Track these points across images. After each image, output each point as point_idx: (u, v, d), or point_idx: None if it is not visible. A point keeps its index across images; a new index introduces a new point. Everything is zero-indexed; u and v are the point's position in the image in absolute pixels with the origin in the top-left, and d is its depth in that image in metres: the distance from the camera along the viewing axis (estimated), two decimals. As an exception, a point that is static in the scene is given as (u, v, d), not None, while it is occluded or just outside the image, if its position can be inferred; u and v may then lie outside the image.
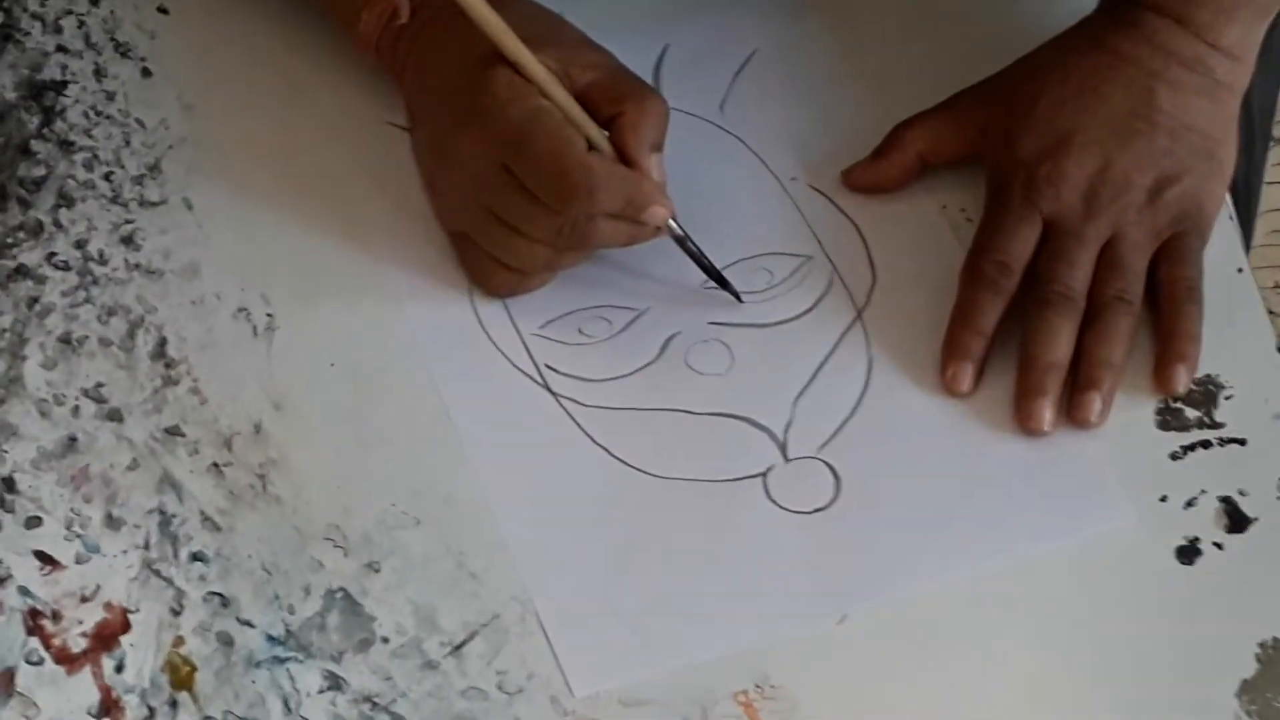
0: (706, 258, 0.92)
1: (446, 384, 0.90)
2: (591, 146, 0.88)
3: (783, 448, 0.88)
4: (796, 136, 0.98)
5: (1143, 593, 0.85)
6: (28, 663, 0.81)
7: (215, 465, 0.87)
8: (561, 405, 0.89)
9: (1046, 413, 0.88)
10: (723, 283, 0.92)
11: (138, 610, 0.83)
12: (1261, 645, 0.83)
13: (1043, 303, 0.90)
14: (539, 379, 0.90)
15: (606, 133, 0.89)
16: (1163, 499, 0.87)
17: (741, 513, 0.86)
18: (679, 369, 0.91)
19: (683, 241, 0.91)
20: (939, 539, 0.86)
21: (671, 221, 0.90)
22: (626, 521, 0.86)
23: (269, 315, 0.92)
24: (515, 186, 0.88)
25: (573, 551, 0.85)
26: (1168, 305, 0.91)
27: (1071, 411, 0.89)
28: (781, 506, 0.86)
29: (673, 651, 0.83)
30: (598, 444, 0.88)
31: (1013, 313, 0.91)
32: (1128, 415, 0.89)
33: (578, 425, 0.89)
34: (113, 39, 1.01)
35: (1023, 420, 0.88)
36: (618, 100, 0.89)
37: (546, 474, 0.88)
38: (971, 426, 0.89)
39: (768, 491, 0.87)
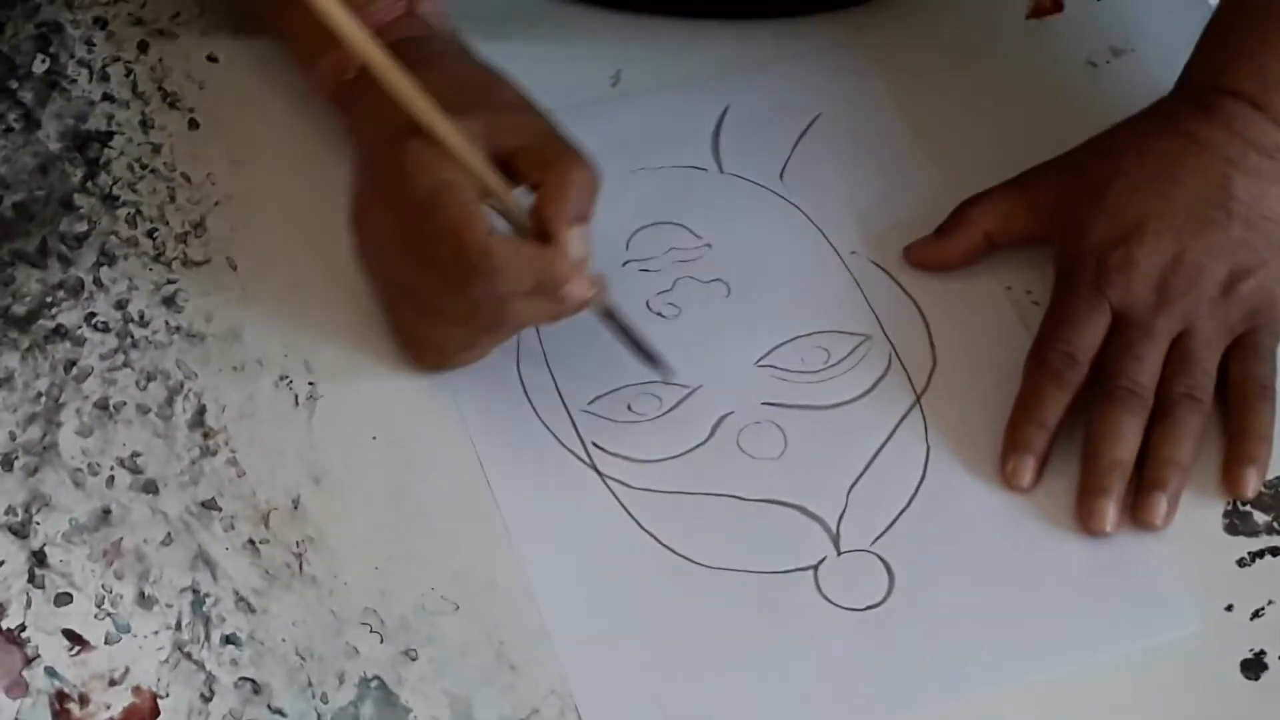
0: (635, 331, 0.88)
1: (491, 461, 0.87)
2: (509, 218, 0.84)
3: (835, 539, 0.85)
4: (859, 207, 0.96)
5: (1205, 706, 0.81)
6: (53, 749, 0.80)
7: (251, 542, 0.85)
8: (608, 487, 0.87)
9: (1110, 513, 0.85)
10: (654, 362, 0.89)
11: (167, 695, 0.81)
12: (1326, 764, 0.81)
13: (1109, 399, 0.87)
14: (586, 458, 0.88)
15: (527, 201, 0.84)
16: (1229, 608, 0.84)
17: (791, 607, 0.83)
18: (730, 451, 0.88)
19: (609, 316, 0.88)
20: (995, 643, 0.82)
21: (601, 294, 0.86)
22: (672, 613, 0.83)
23: (311, 384, 0.89)
24: (422, 264, 0.85)
25: (616, 643, 0.82)
26: (1238, 404, 0.88)
27: (1136, 513, 0.86)
28: (833, 602, 0.84)
29: None
30: (645, 529, 0.86)
31: (1078, 405, 0.88)
32: (1195, 517, 0.86)
33: (625, 509, 0.86)
34: (160, 88, 0.99)
35: (1085, 520, 0.85)
36: (541, 167, 0.84)
37: (591, 560, 0.85)
38: (1032, 524, 0.86)
39: (819, 586, 0.84)
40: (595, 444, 0.88)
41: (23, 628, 0.82)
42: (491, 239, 0.83)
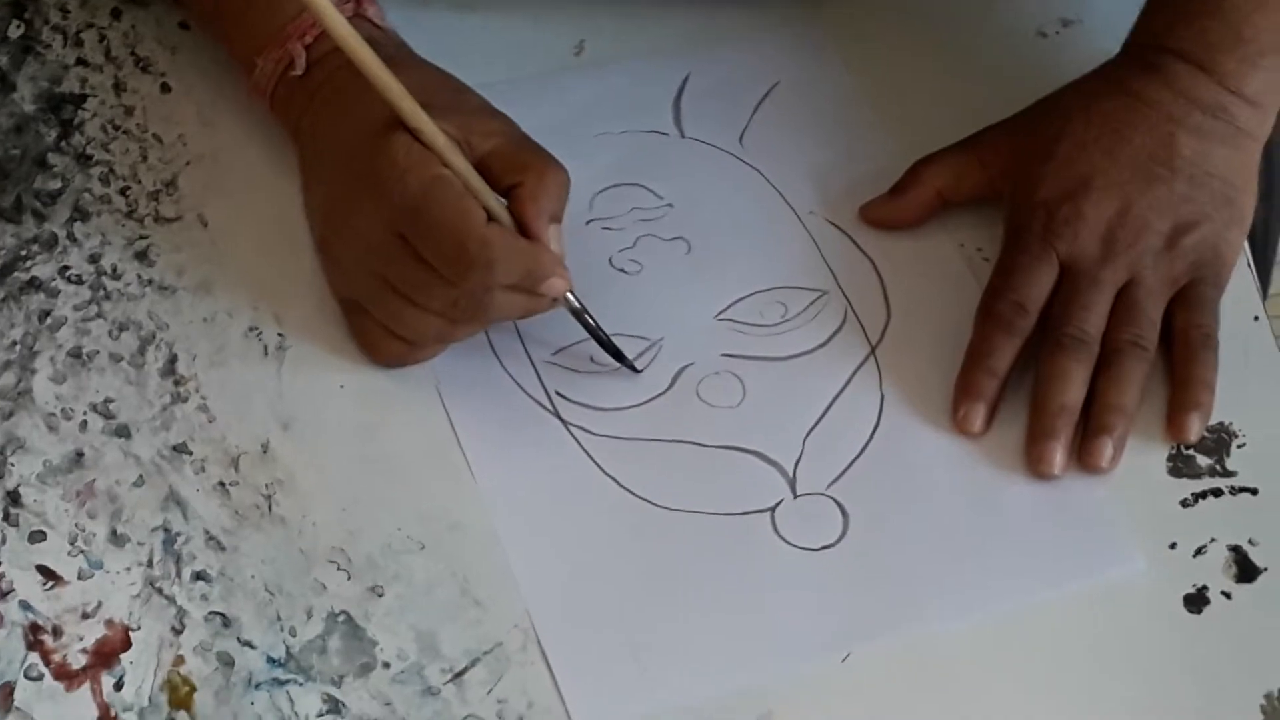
0: (603, 331, 0.90)
1: (456, 408, 0.89)
2: (491, 217, 0.86)
3: (792, 483, 0.88)
4: (816, 170, 0.98)
5: (1150, 640, 0.84)
6: (27, 678, 0.81)
7: (222, 484, 0.87)
8: (571, 433, 0.89)
9: (1057, 456, 0.88)
10: (619, 358, 0.91)
11: (139, 628, 0.82)
12: (1268, 696, 0.83)
13: (1056, 346, 0.90)
14: (549, 406, 0.90)
15: (505, 202, 0.87)
16: (1172, 546, 0.87)
17: (748, 547, 0.86)
18: (690, 400, 0.90)
19: (579, 315, 0.90)
20: (945, 581, 0.85)
21: (569, 294, 0.89)
22: (633, 553, 0.86)
23: (280, 335, 0.91)
24: (411, 256, 0.86)
25: (578, 581, 0.85)
26: (1183, 352, 0.91)
27: (1083, 456, 0.88)
28: (789, 542, 0.86)
29: (676, 685, 0.82)
30: (606, 473, 0.88)
31: (1027, 355, 0.91)
32: (1140, 461, 0.89)
33: (587, 454, 0.88)
34: (133, 53, 1.01)
35: (1033, 463, 0.88)
36: (517, 170, 0.87)
37: (554, 502, 0.87)
38: (982, 468, 0.88)
39: (775, 527, 0.87)
40: (558, 393, 0.90)
41: (-3, 563, 0.85)
42: (490, 229, 0.85)
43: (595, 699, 0.81)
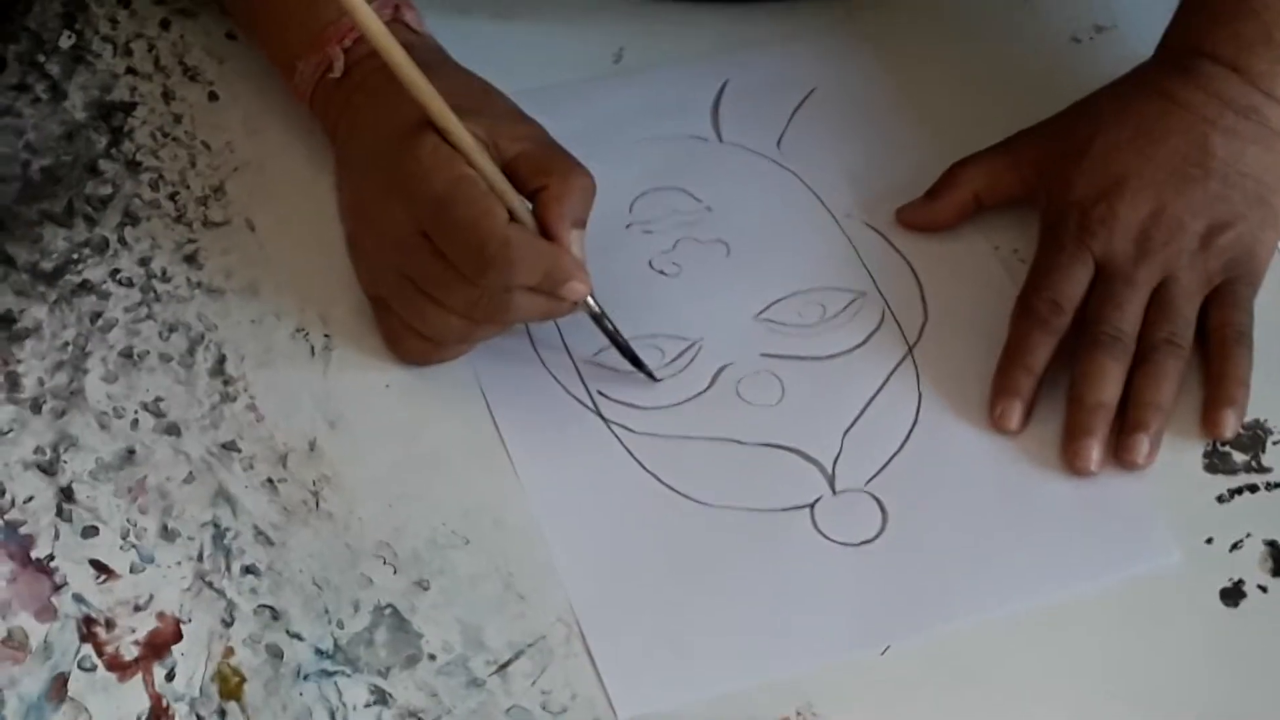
0: (622, 336, 0.91)
1: (499, 407, 0.91)
2: (514, 218, 0.87)
3: (831, 480, 0.89)
4: (853, 174, 1.00)
5: (1187, 634, 0.85)
6: (80, 669, 0.82)
7: (270, 481, 0.88)
8: (612, 431, 0.90)
9: (1094, 453, 0.89)
10: (637, 363, 0.92)
11: (189, 620, 0.84)
12: (1303, 689, 0.84)
13: (1092, 344, 0.91)
14: (591, 405, 0.91)
15: (530, 205, 0.88)
16: (1208, 541, 0.87)
17: (788, 543, 0.87)
18: (730, 399, 0.91)
19: (599, 319, 0.91)
20: (983, 575, 0.86)
21: (589, 299, 0.89)
22: (674, 547, 0.87)
23: (326, 336, 0.93)
24: (433, 254, 0.88)
25: (620, 576, 0.86)
26: (1217, 350, 0.92)
27: (1119, 453, 0.89)
28: (828, 538, 0.87)
29: (717, 677, 0.83)
30: (647, 470, 0.89)
31: (1063, 353, 0.92)
32: (1175, 458, 0.90)
33: (628, 452, 0.90)
34: (181, 63, 1.03)
35: (1070, 459, 0.89)
36: (543, 173, 0.88)
37: (596, 498, 0.88)
38: (1019, 464, 0.89)
39: (815, 523, 0.87)
40: (600, 392, 0.92)
41: (51, 558, 0.85)
42: (511, 229, 0.86)
43: (637, 689, 0.82)
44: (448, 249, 0.87)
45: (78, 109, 1.01)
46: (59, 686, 0.82)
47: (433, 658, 0.83)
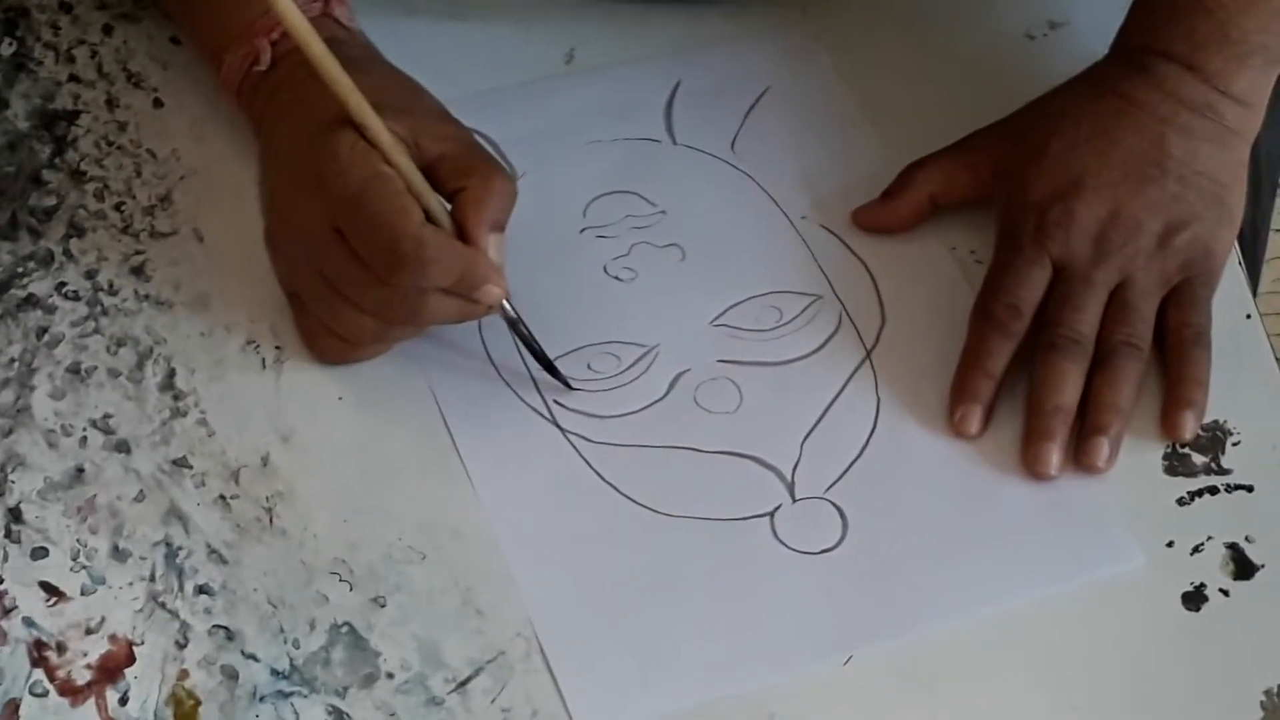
0: (537, 343, 0.90)
1: (455, 419, 0.89)
2: (431, 219, 0.86)
3: (790, 487, 0.88)
4: (808, 175, 0.98)
5: (1149, 638, 0.84)
6: (32, 694, 0.81)
7: (222, 497, 0.87)
8: (570, 442, 0.89)
9: (1054, 457, 0.88)
10: (554, 372, 0.90)
11: (142, 643, 0.82)
12: (1267, 693, 0.83)
13: (1050, 347, 0.90)
14: (548, 415, 0.90)
15: (449, 206, 0.87)
16: (1169, 544, 0.87)
17: (749, 552, 0.86)
18: (688, 407, 0.90)
19: (515, 325, 0.90)
20: (945, 581, 0.85)
21: (505, 303, 0.88)
22: (634, 559, 0.85)
23: (278, 348, 0.91)
24: (347, 252, 0.86)
25: (580, 589, 0.85)
26: (1175, 351, 0.91)
27: (1079, 457, 0.88)
28: (789, 547, 0.86)
29: (680, 690, 0.82)
30: (606, 481, 0.88)
31: (1022, 356, 0.91)
32: (1135, 460, 0.89)
33: (586, 462, 0.88)
34: (125, 69, 1.01)
35: (1030, 464, 0.88)
36: (464, 175, 0.87)
37: (554, 511, 0.87)
38: (979, 469, 0.88)
39: (775, 531, 0.86)
40: (556, 401, 0.90)
41: (0, 580, 0.84)
42: (425, 229, 0.85)
43: (599, 705, 0.81)
44: (360, 247, 0.85)
45: (20, 118, 0.99)
46: (10, 713, 0.80)
47: (390, 676, 0.82)
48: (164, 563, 0.85)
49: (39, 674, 0.81)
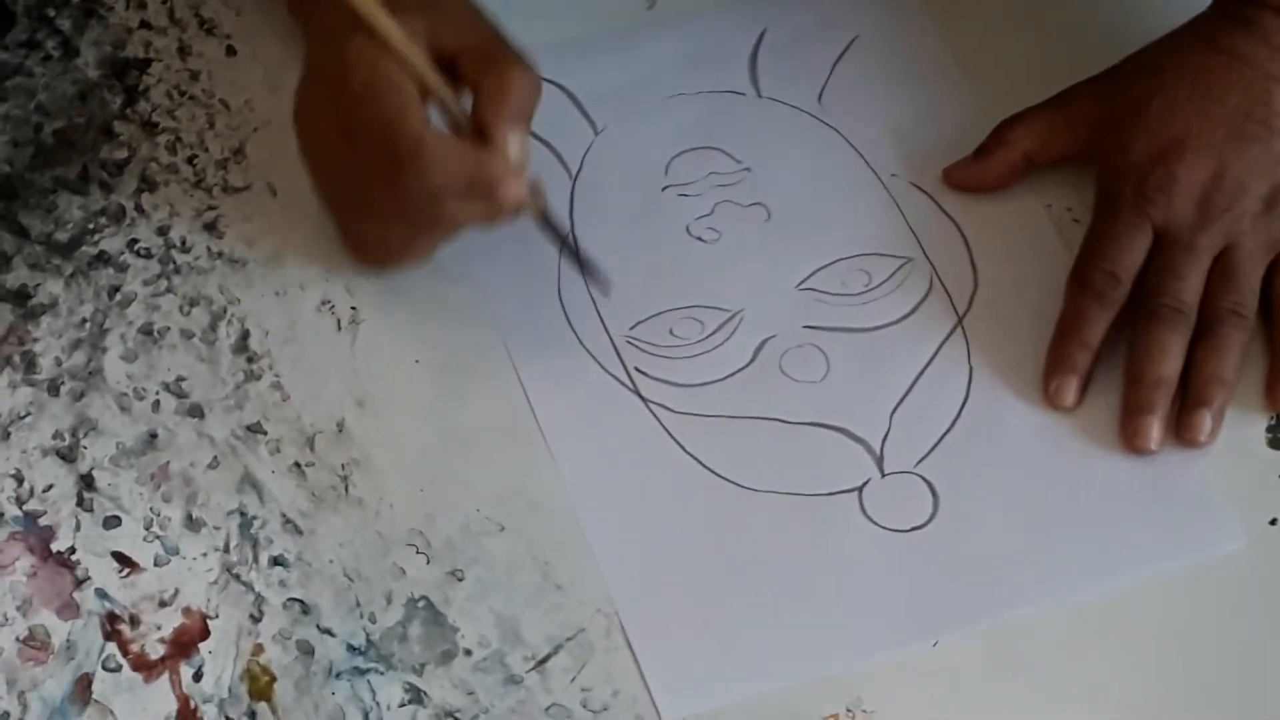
0: (572, 241, 0.86)
1: (534, 388, 0.85)
2: (452, 117, 0.81)
3: (879, 461, 0.83)
4: (898, 131, 0.93)
5: (1251, 618, 0.80)
6: (105, 669, 0.78)
7: (297, 465, 0.83)
8: (651, 411, 0.85)
9: (1154, 431, 0.83)
10: (592, 274, 0.86)
11: (217, 616, 0.79)
12: (1374, 675, 0.79)
13: (1152, 317, 0.85)
14: (629, 384, 0.85)
15: (466, 107, 0.81)
16: (1273, 522, 0.82)
17: (836, 529, 0.81)
18: (773, 375, 0.86)
19: (544, 225, 0.85)
20: (1040, 562, 0.80)
21: (536, 204, 0.83)
22: (717, 535, 0.81)
23: (353, 308, 0.87)
24: (356, 159, 0.82)
25: (661, 566, 0.81)
26: None
27: (1180, 430, 0.84)
28: (877, 524, 0.81)
29: (763, 673, 0.78)
30: (688, 453, 0.83)
31: (1121, 324, 0.86)
32: (1238, 434, 0.84)
33: (668, 433, 0.84)
34: (197, 15, 0.97)
35: (1129, 438, 0.83)
36: (483, 69, 0.81)
37: (635, 483, 0.83)
38: (1075, 443, 0.83)
39: (863, 507, 0.82)
40: (638, 369, 0.86)
41: (72, 550, 0.81)
42: (424, 132, 0.80)
43: (680, 686, 0.78)
44: (363, 151, 0.81)
45: (90, 67, 0.94)
46: (83, 688, 0.77)
47: (469, 653, 0.79)
48: (238, 533, 0.81)
49: (112, 648, 0.78)
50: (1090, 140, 0.90)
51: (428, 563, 0.81)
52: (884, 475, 0.83)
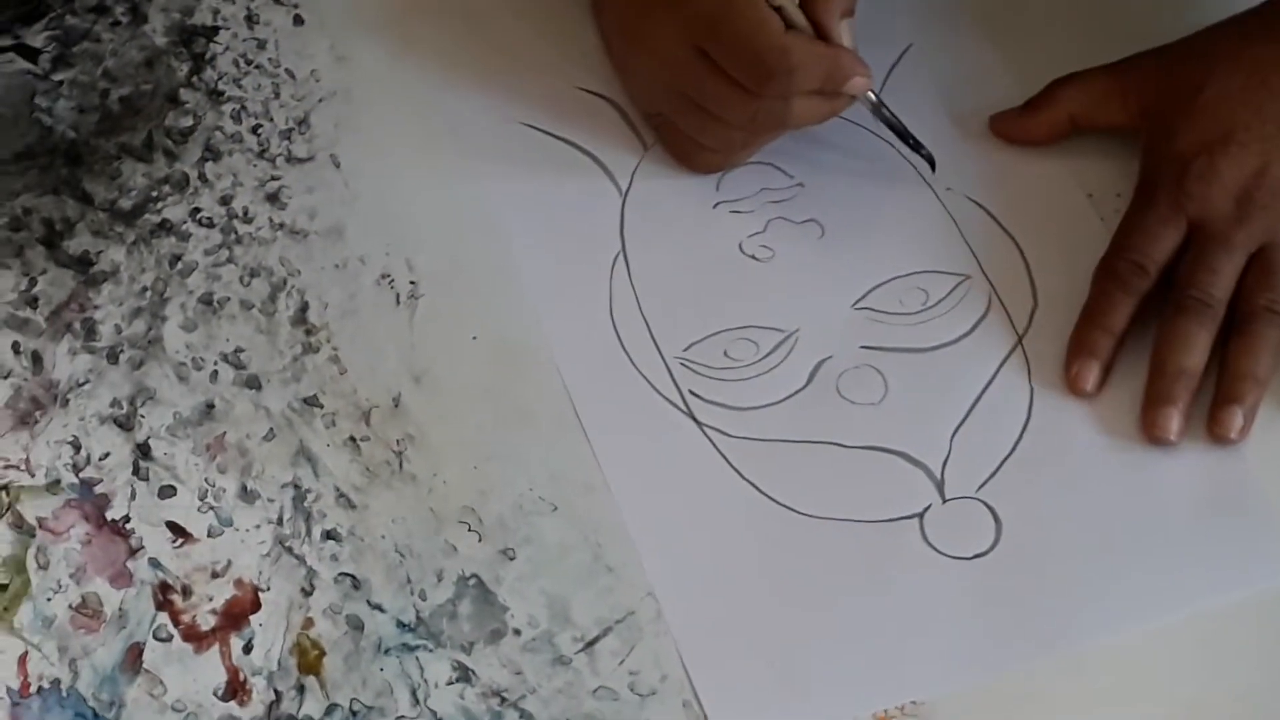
0: (900, 121, 0.85)
1: (588, 414, 0.81)
2: (787, 22, 0.81)
3: (940, 486, 0.80)
4: (953, 142, 0.89)
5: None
6: (155, 639, 0.75)
7: (352, 439, 0.81)
8: (707, 436, 0.81)
9: (1174, 423, 0.80)
10: (919, 148, 0.86)
11: (268, 589, 0.77)
12: None
13: (1177, 309, 0.82)
14: (683, 407, 0.82)
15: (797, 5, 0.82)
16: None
17: (897, 557, 0.78)
18: (830, 397, 0.82)
19: (878, 109, 0.86)
20: (1108, 591, 0.77)
21: (870, 92, 0.85)
22: (775, 563, 0.78)
23: (412, 283, 0.85)
24: (709, 69, 0.82)
25: (719, 595, 0.77)
26: None
27: (1211, 427, 0.80)
28: (940, 551, 0.78)
29: (825, 707, 0.74)
30: (745, 479, 0.80)
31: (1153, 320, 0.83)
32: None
33: (724, 458, 0.80)
34: (265, -17, 0.94)
35: (1148, 429, 0.80)
36: None
37: (692, 511, 0.79)
38: (1142, 467, 0.80)
39: (924, 534, 0.78)
40: (692, 392, 0.82)
41: (127, 519, 0.78)
42: (787, 38, 0.81)
43: (736, 713, 0.74)
44: (725, 64, 0.82)
45: (158, 34, 0.92)
46: (134, 657, 0.75)
47: (518, 633, 0.76)
48: (292, 506, 0.79)
49: (163, 618, 0.76)
50: (1139, 115, 0.87)
51: (479, 541, 0.78)
52: (945, 501, 0.79)
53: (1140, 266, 0.84)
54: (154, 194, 0.87)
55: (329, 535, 0.78)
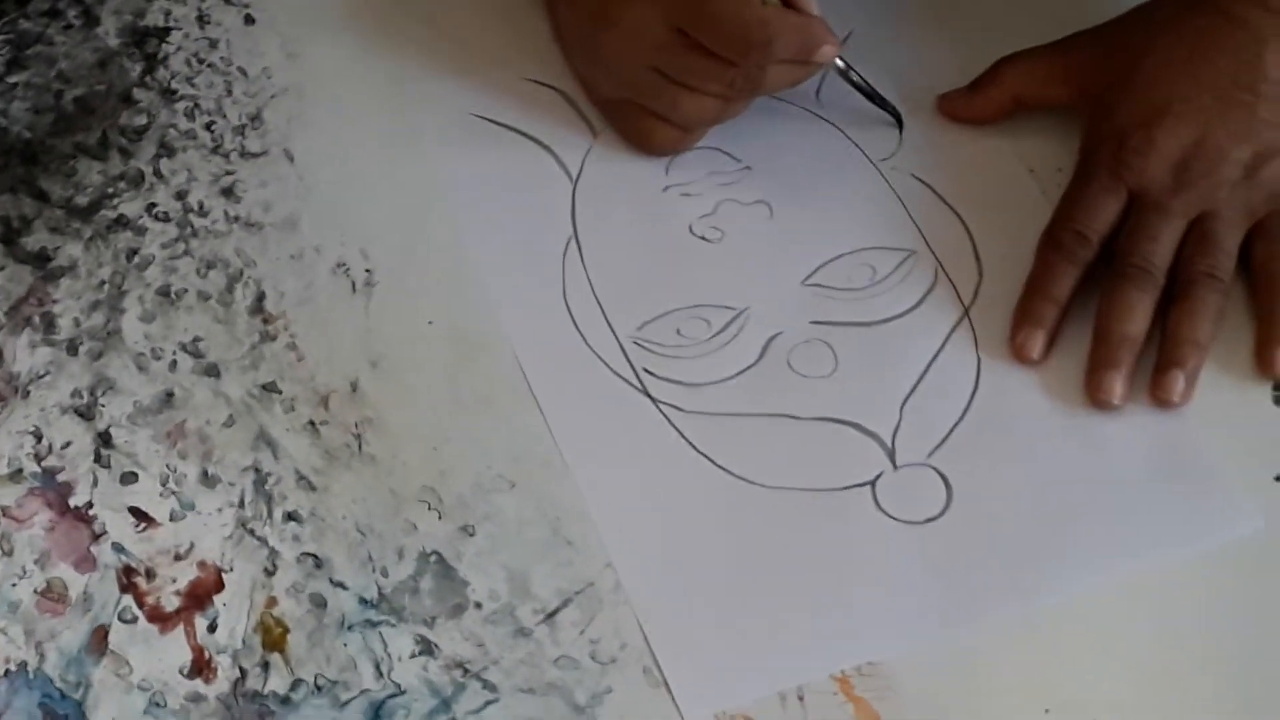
0: (868, 83, 0.87)
1: (544, 395, 0.80)
2: None
3: (891, 454, 0.79)
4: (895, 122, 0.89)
5: (1270, 595, 0.75)
6: (121, 620, 0.74)
7: (311, 423, 0.79)
8: (662, 412, 0.80)
9: (1118, 386, 0.79)
10: (886, 106, 0.88)
11: (231, 569, 0.75)
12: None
13: (1119, 276, 0.81)
14: (638, 385, 0.81)
15: None
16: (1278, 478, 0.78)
17: (850, 523, 0.77)
18: (781, 371, 0.81)
19: (845, 73, 0.87)
20: (1055, 551, 0.76)
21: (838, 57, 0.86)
22: (732, 533, 0.77)
23: (368, 271, 0.83)
24: (689, 46, 0.83)
25: (676, 566, 0.76)
26: (1265, 286, 0.82)
27: (1154, 390, 0.79)
28: (892, 516, 0.77)
29: (782, 671, 0.73)
30: (700, 452, 0.79)
31: (1095, 290, 0.82)
32: (1244, 398, 0.80)
33: (679, 433, 0.79)
34: (216, -15, 0.93)
35: (1093, 392, 0.79)
36: None
37: (649, 486, 0.78)
38: (1088, 430, 0.79)
39: (877, 501, 0.77)
40: (646, 370, 0.81)
41: (90, 505, 0.77)
42: (767, 10, 0.82)
43: (700, 686, 0.73)
44: (707, 40, 0.83)
45: (110, 35, 0.90)
46: (99, 639, 0.73)
47: (479, 606, 0.75)
48: (253, 489, 0.77)
49: (128, 600, 0.74)
50: (1081, 92, 0.86)
51: (439, 518, 0.77)
52: (896, 468, 0.78)
53: (1082, 236, 0.83)
54: (110, 191, 0.85)
55: (290, 516, 0.77)
